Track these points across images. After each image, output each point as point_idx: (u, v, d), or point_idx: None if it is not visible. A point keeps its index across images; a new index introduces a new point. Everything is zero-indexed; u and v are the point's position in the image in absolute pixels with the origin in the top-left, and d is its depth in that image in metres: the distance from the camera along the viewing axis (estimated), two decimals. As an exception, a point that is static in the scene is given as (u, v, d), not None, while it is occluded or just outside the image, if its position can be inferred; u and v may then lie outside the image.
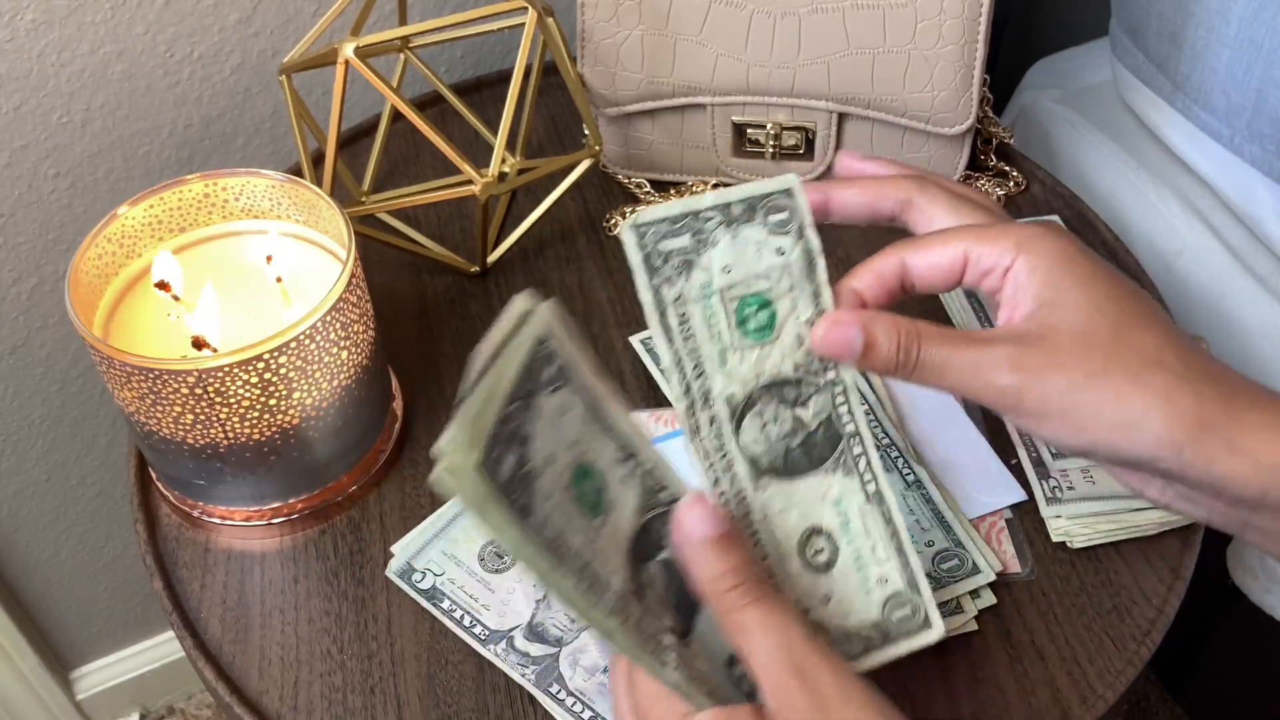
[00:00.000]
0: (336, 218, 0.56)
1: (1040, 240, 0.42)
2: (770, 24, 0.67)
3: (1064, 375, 0.40)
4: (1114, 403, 0.40)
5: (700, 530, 0.39)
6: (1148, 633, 0.54)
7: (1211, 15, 0.72)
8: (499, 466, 0.35)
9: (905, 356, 0.42)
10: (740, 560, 0.38)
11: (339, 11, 0.67)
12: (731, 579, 0.38)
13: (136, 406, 0.53)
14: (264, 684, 0.54)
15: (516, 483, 0.36)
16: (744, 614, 0.38)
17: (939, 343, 0.42)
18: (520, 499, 0.35)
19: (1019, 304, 0.42)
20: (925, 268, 0.43)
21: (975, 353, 0.41)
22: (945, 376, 0.42)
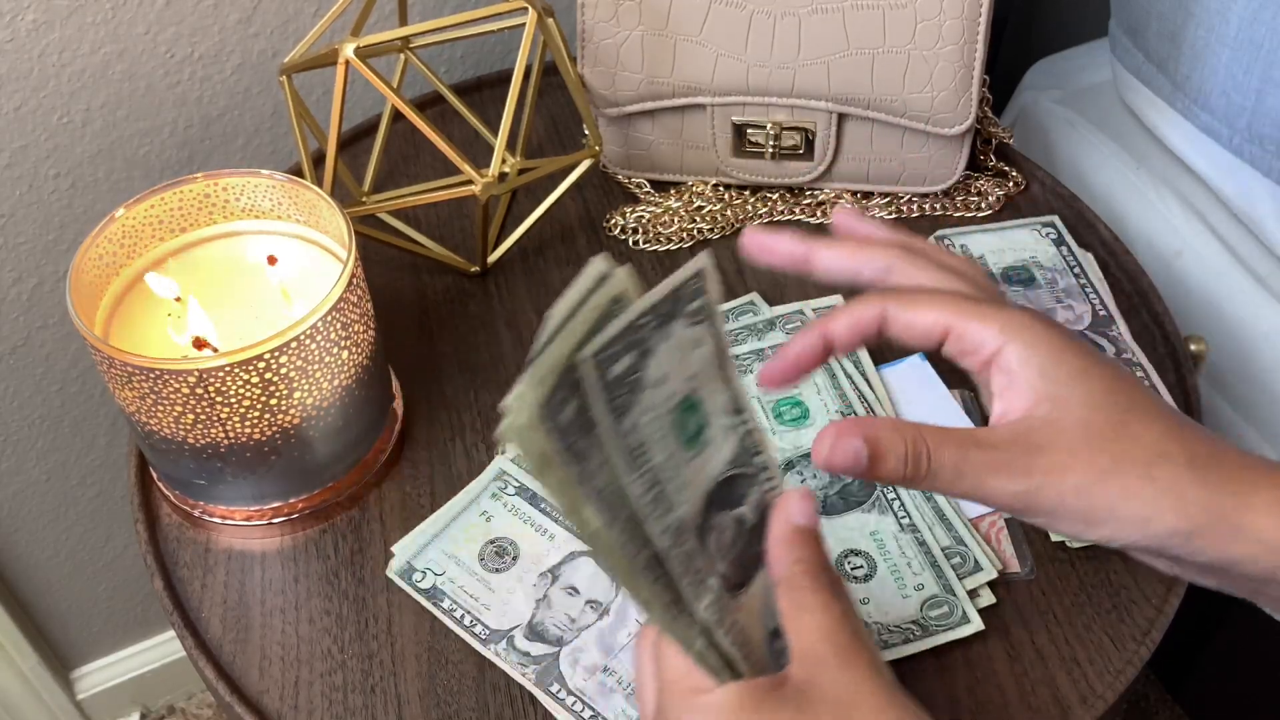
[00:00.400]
0: (337, 218, 0.56)
1: (1027, 329, 0.42)
2: (770, 24, 0.67)
3: (1075, 477, 0.40)
4: (1125, 500, 0.40)
5: (800, 517, 0.40)
6: (1147, 633, 0.54)
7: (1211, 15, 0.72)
8: (612, 365, 0.35)
9: (914, 469, 0.41)
10: (820, 556, 0.40)
11: (339, 12, 0.67)
12: (806, 565, 0.39)
13: (137, 406, 0.53)
14: (264, 683, 0.54)
15: (623, 384, 0.36)
16: (808, 594, 0.39)
17: (947, 449, 0.41)
18: (620, 399, 0.36)
19: (1014, 398, 0.42)
20: (904, 325, 0.43)
21: (984, 457, 0.41)
22: (956, 486, 0.41)
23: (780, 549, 0.40)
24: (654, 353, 0.37)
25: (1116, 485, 0.40)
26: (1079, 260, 0.68)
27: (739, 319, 0.65)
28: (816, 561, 0.40)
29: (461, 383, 0.65)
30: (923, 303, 0.43)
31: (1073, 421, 0.41)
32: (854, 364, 0.63)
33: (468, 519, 0.58)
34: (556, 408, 0.35)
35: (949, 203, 0.74)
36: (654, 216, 0.73)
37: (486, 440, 0.62)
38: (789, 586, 0.39)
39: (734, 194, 0.74)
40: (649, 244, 0.72)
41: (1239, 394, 0.79)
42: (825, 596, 0.39)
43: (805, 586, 0.39)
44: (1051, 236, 0.70)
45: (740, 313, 0.66)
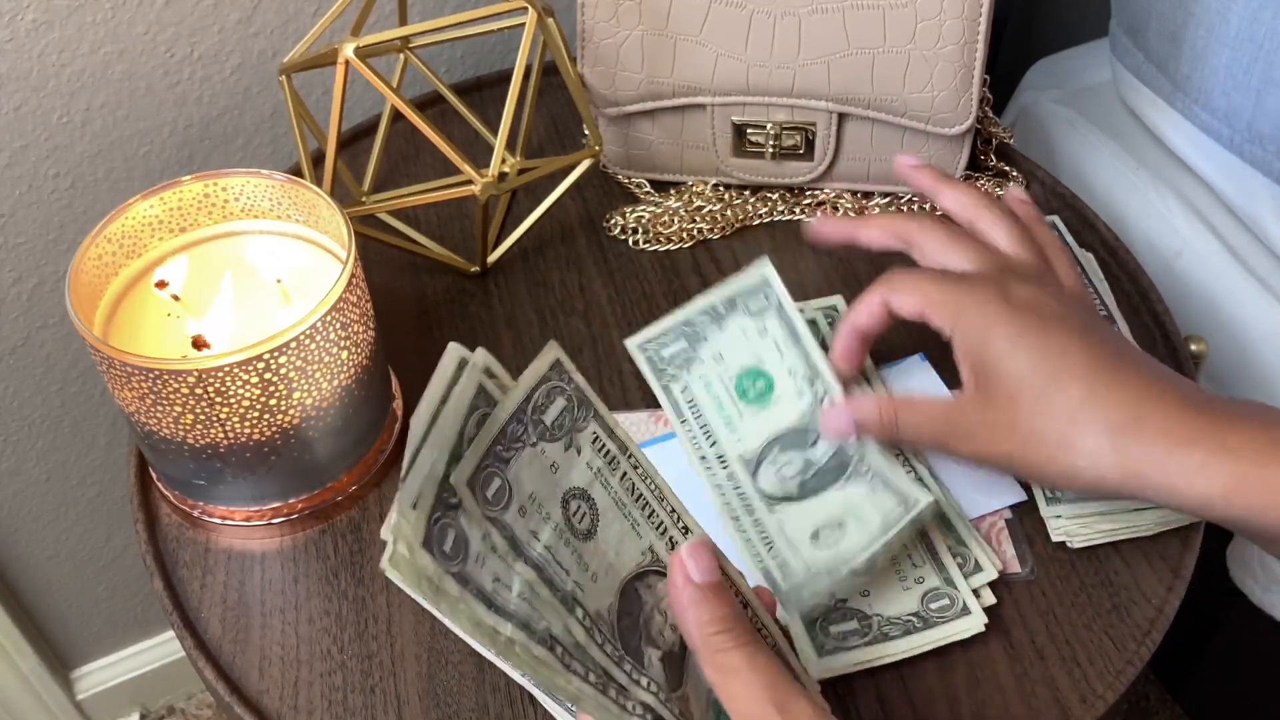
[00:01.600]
0: (336, 218, 0.56)
1: (974, 308, 0.50)
2: (770, 24, 0.67)
3: (1005, 443, 0.49)
4: (1048, 463, 0.48)
5: (698, 574, 0.40)
6: (1148, 633, 0.54)
7: (1211, 15, 0.72)
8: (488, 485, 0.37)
9: (887, 424, 0.52)
10: (729, 609, 0.39)
11: (339, 12, 0.67)
12: (720, 624, 0.39)
13: (137, 406, 0.53)
14: (264, 684, 0.54)
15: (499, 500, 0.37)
16: (729, 656, 0.38)
17: (910, 413, 0.52)
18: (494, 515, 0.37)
19: (966, 374, 0.51)
20: (899, 306, 0.53)
21: (938, 423, 0.51)
22: (923, 440, 0.53)
23: (687, 615, 0.39)
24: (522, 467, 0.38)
25: (1039, 454, 0.48)
26: (1079, 260, 0.68)
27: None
28: (729, 615, 0.39)
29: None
30: (907, 290, 0.52)
31: (1001, 392, 0.49)
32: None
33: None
34: (439, 536, 0.35)
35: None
36: (654, 216, 0.73)
37: (486, 440, 0.62)
38: (709, 651, 0.39)
39: (734, 194, 0.74)
40: (649, 244, 0.72)
41: (1239, 394, 0.79)
42: (747, 652, 0.38)
43: (725, 647, 0.39)
44: None
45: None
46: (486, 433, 0.37)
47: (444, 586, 0.35)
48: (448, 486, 0.36)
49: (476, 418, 0.37)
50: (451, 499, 0.36)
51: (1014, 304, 0.50)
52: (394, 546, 0.34)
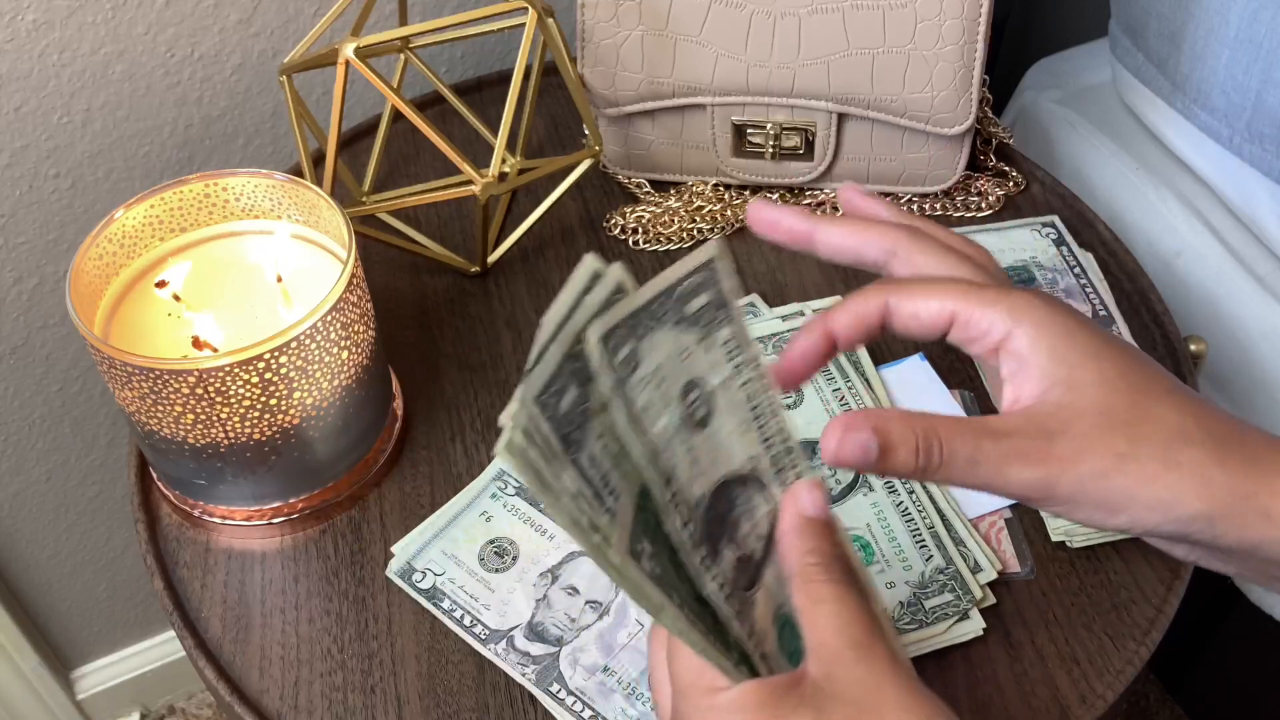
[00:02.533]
0: (337, 218, 0.56)
1: (1035, 311, 0.41)
2: (770, 24, 0.67)
3: (1092, 463, 0.39)
4: (1146, 485, 0.39)
5: (811, 508, 0.39)
6: (1147, 633, 0.54)
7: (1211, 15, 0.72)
8: (559, 399, 0.36)
9: (926, 460, 0.39)
10: (833, 546, 0.39)
11: (339, 12, 0.67)
12: (819, 556, 0.39)
13: (137, 406, 0.53)
14: (264, 683, 0.54)
15: (575, 416, 0.36)
16: (822, 587, 0.38)
17: (961, 441, 0.39)
18: (575, 434, 0.36)
19: (1025, 383, 0.41)
20: (908, 315, 0.42)
21: (998, 446, 0.39)
22: (971, 476, 0.40)
23: (791, 540, 0.40)
24: (655, 343, 0.38)
25: (1135, 470, 0.39)
26: (1079, 260, 0.68)
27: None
28: (829, 552, 0.39)
29: (461, 383, 0.65)
30: (926, 291, 0.42)
31: (1087, 404, 0.40)
32: (853, 364, 0.63)
33: (468, 519, 0.58)
34: (554, 397, 0.35)
35: (949, 203, 0.74)
36: (654, 216, 0.73)
37: (486, 440, 0.62)
38: (803, 579, 0.39)
39: (734, 194, 0.74)
40: (649, 244, 0.72)
41: (1239, 394, 0.79)
42: (839, 588, 0.38)
43: (819, 579, 0.38)
44: (1052, 236, 0.70)
45: (740, 313, 0.66)
46: (628, 302, 0.36)
47: (548, 479, 0.35)
48: (575, 354, 0.36)
49: None
50: (578, 367, 0.36)
51: (1073, 312, 0.42)
52: (510, 433, 0.33)
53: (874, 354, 0.64)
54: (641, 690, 0.52)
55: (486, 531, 0.57)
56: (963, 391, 0.63)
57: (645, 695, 0.52)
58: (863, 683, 0.37)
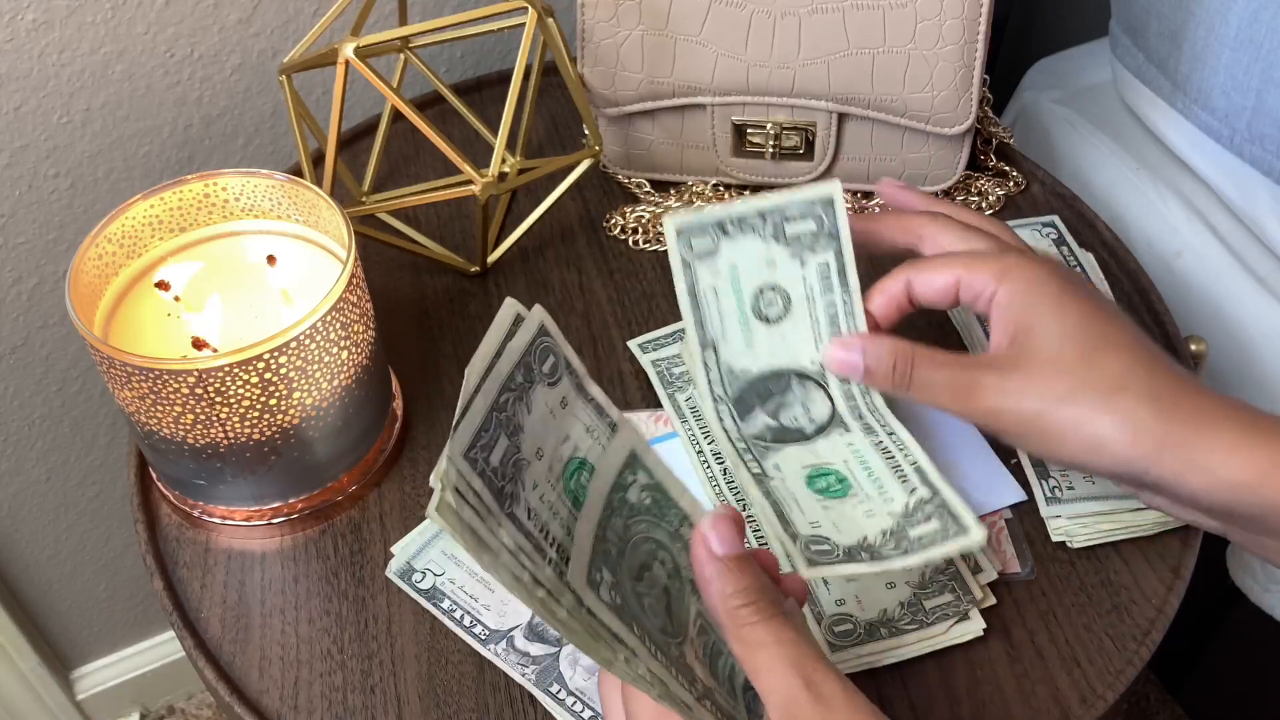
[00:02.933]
0: (336, 218, 0.56)
1: (1019, 269, 0.47)
2: (770, 24, 0.67)
3: (1035, 400, 0.45)
4: (1080, 426, 0.45)
5: (722, 547, 0.39)
6: (1148, 633, 0.54)
7: (1211, 15, 0.72)
8: (489, 453, 0.36)
9: (900, 377, 0.49)
10: (754, 581, 0.39)
11: (339, 11, 0.67)
12: (745, 597, 0.38)
13: (137, 406, 0.53)
14: (264, 684, 0.54)
15: (507, 469, 0.36)
16: (755, 629, 0.38)
17: (930, 367, 0.48)
18: (509, 487, 0.36)
19: (1000, 332, 0.47)
20: (925, 288, 0.49)
21: (961, 375, 0.47)
22: (937, 396, 0.48)
23: (711, 588, 0.39)
24: (523, 428, 0.38)
25: (1072, 410, 0.45)
26: (1079, 260, 0.68)
27: None
28: (753, 588, 0.39)
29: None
30: (935, 265, 0.49)
31: (1040, 349, 0.46)
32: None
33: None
34: (483, 451, 0.36)
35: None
36: (654, 216, 0.73)
37: (486, 440, 0.62)
38: (734, 626, 0.38)
39: (734, 194, 0.74)
40: (649, 244, 0.72)
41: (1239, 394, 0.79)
42: (773, 625, 0.38)
43: (748, 620, 0.38)
44: (1052, 236, 0.70)
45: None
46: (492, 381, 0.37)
47: (484, 537, 0.35)
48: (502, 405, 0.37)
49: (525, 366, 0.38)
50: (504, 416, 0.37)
51: (1055, 271, 0.48)
52: (440, 495, 0.34)
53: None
54: (641, 690, 0.52)
55: (486, 531, 0.57)
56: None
57: (645, 695, 0.52)
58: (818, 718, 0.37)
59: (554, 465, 0.39)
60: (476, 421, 0.36)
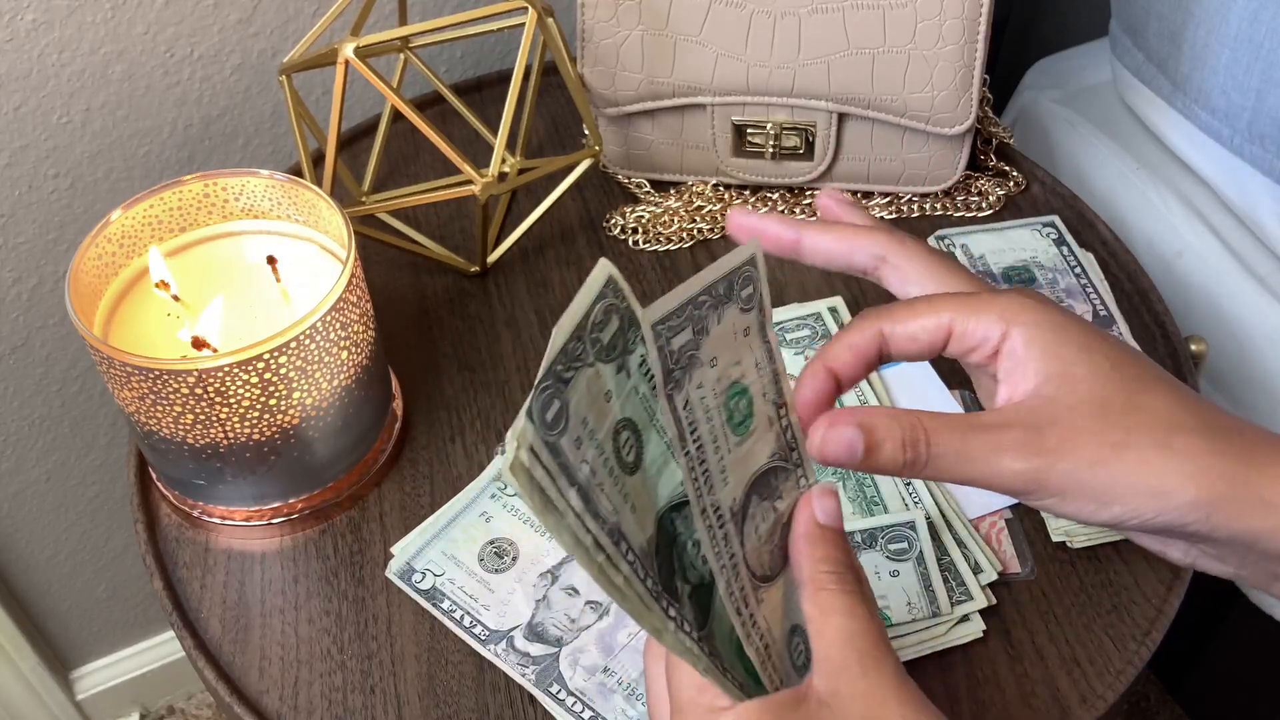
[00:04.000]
0: (336, 218, 0.56)
1: (1028, 311, 0.41)
2: (770, 24, 0.67)
3: (1087, 451, 0.39)
4: (1141, 472, 0.39)
5: (824, 515, 0.40)
6: (1148, 633, 0.54)
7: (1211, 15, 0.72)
8: (673, 336, 0.36)
9: (914, 454, 0.39)
10: (846, 556, 0.39)
11: (339, 11, 0.67)
12: (833, 565, 0.39)
13: (137, 406, 0.53)
14: (264, 684, 0.54)
15: (682, 357, 0.37)
16: (834, 596, 0.38)
17: (949, 435, 0.39)
18: (678, 373, 0.37)
19: (1019, 380, 0.41)
20: (906, 339, 0.42)
21: (988, 439, 0.39)
22: (960, 470, 0.39)
23: (804, 547, 0.40)
24: (709, 332, 0.37)
25: (1132, 457, 0.39)
26: (1079, 260, 0.68)
27: None
28: (842, 560, 0.39)
29: (461, 383, 0.65)
30: (919, 311, 0.42)
31: (1082, 396, 0.40)
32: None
33: (467, 520, 0.58)
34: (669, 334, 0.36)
35: (949, 203, 0.74)
36: (654, 216, 0.73)
37: (486, 441, 0.62)
38: (814, 587, 0.39)
39: (734, 194, 0.74)
40: (649, 244, 0.72)
41: (1239, 394, 0.79)
42: (850, 599, 0.38)
43: (831, 588, 0.38)
44: (1052, 236, 0.70)
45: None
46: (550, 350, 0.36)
47: (553, 498, 0.34)
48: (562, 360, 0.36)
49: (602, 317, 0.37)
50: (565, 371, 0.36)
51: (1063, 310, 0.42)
52: (515, 452, 0.33)
53: (874, 354, 0.64)
54: (641, 691, 0.52)
55: (486, 532, 0.57)
56: (963, 392, 0.63)
57: (645, 696, 0.52)
58: (868, 697, 0.37)
59: (722, 379, 0.39)
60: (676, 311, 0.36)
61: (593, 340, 0.37)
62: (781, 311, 0.66)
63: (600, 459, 0.38)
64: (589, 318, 0.37)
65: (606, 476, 0.38)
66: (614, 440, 0.39)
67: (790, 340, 0.64)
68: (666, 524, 0.40)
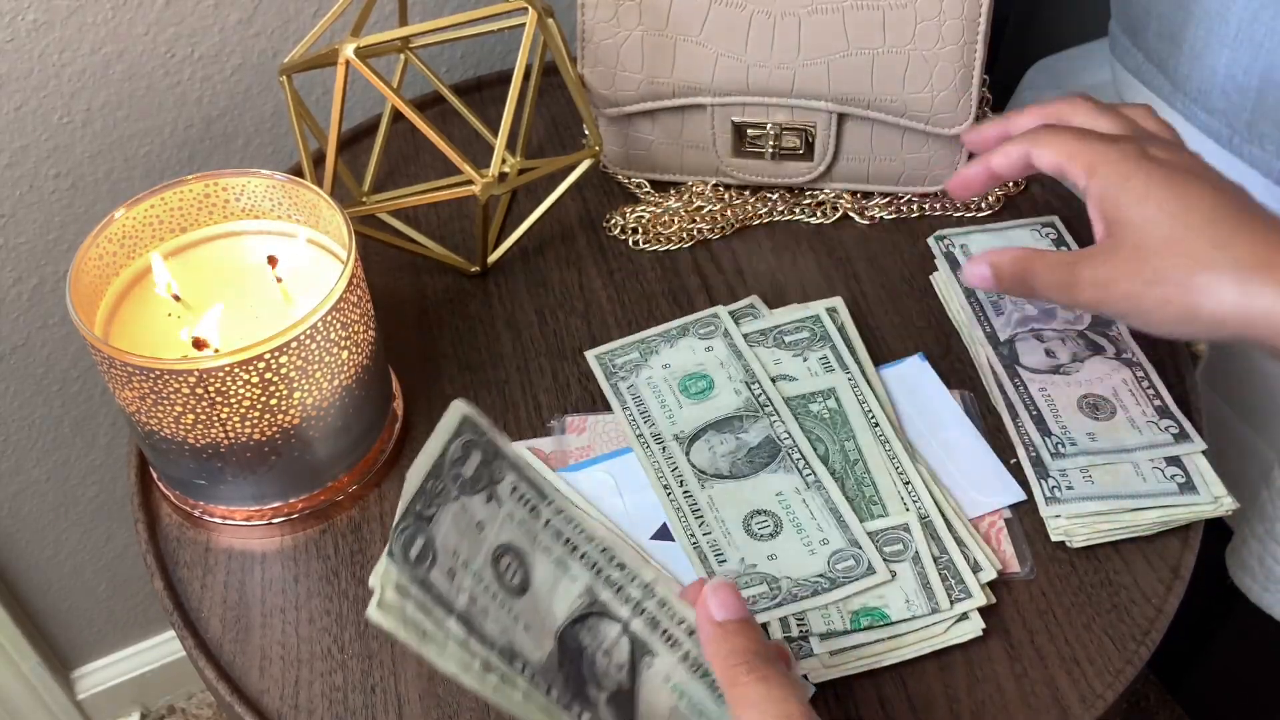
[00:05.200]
0: (337, 218, 0.56)
1: (1108, 164, 0.51)
2: (770, 24, 0.67)
3: (1126, 286, 0.50)
4: (1168, 303, 0.49)
5: (720, 611, 0.42)
6: (1147, 633, 0.54)
7: (1211, 15, 0.72)
8: (409, 547, 0.39)
9: (1022, 276, 0.53)
10: (754, 643, 0.41)
11: (339, 12, 0.67)
12: (739, 658, 0.41)
13: (137, 406, 0.53)
14: (264, 683, 0.54)
15: (422, 561, 0.39)
16: (750, 688, 0.40)
17: (1043, 268, 0.53)
18: (421, 574, 0.39)
19: (1097, 224, 0.52)
20: (1037, 160, 0.53)
21: (1068, 273, 0.52)
22: (1051, 293, 0.53)
23: (709, 649, 0.41)
24: (441, 525, 0.40)
25: (1161, 292, 0.49)
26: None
27: (741, 323, 0.65)
28: (751, 650, 0.41)
29: (461, 383, 0.65)
30: (1047, 145, 0.53)
31: (1127, 241, 0.50)
32: (856, 363, 0.63)
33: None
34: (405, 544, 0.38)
35: (949, 202, 0.74)
36: (654, 216, 0.73)
37: (486, 440, 0.62)
38: (728, 682, 0.41)
39: (734, 194, 0.74)
40: (649, 244, 0.72)
41: (1239, 394, 0.79)
42: (767, 685, 0.40)
43: (743, 680, 0.40)
44: (1051, 236, 0.70)
45: (740, 315, 0.66)
46: (405, 492, 0.38)
47: (430, 629, 0.37)
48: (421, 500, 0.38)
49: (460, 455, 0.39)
50: (426, 511, 0.38)
51: (1150, 159, 0.51)
52: (381, 593, 0.36)
53: (874, 354, 0.64)
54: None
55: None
56: (963, 392, 0.63)
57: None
58: None
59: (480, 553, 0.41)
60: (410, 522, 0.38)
61: (453, 476, 0.40)
62: (781, 313, 0.66)
63: (480, 585, 0.40)
64: (446, 455, 0.40)
65: (490, 601, 0.40)
66: (494, 567, 0.41)
67: (789, 343, 0.64)
68: (569, 639, 0.41)
